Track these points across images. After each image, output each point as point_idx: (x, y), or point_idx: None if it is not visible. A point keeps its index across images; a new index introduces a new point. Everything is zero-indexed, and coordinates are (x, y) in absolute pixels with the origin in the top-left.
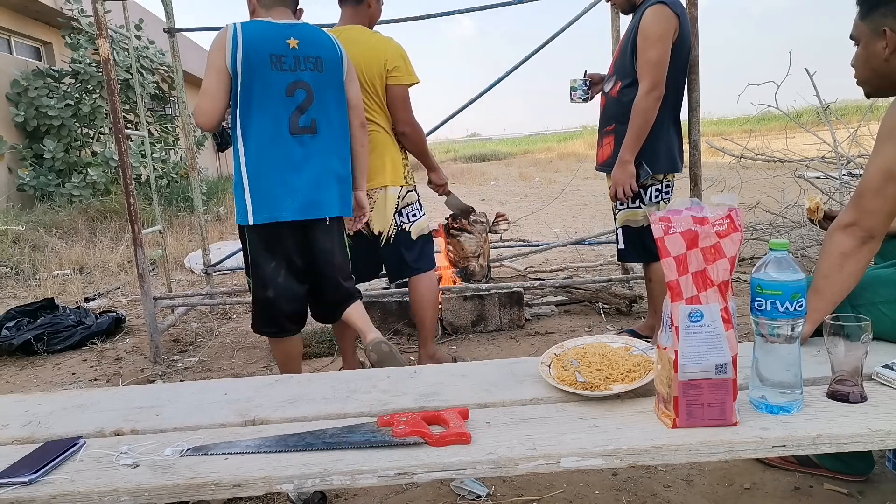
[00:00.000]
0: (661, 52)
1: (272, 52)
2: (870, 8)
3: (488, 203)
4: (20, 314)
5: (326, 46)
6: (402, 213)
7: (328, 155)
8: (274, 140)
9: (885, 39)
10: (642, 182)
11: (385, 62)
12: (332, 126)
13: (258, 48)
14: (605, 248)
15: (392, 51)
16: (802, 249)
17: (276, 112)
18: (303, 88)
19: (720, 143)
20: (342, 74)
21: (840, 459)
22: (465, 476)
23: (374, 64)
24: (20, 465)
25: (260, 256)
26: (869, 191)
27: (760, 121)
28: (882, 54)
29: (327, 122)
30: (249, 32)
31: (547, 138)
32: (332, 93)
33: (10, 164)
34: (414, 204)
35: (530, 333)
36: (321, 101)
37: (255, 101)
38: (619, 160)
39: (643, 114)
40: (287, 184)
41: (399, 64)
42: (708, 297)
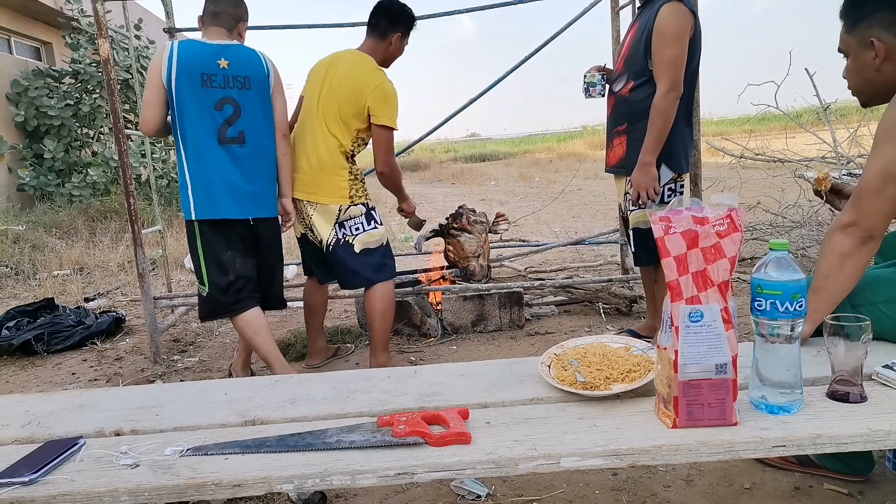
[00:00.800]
0: (679, 50)
1: (203, 70)
2: (854, 21)
3: (488, 203)
4: (20, 314)
5: (255, 67)
6: (343, 224)
7: (256, 162)
8: (207, 148)
9: (874, 50)
10: (667, 181)
11: (366, 99)
12: (260, 137)
13: (190, 67)
14: (605, 248)
15: (378, 91)
16: (802, 249)
17: (206, 124)
18: (231, 104)
19: (720, 143)
20: (269, 91)
21: (840, 459)
22: (465, 476)
23: (356, 95)
24: (20, 465)
25: (216, 247)
26: (868, 191)
27: (760, 121)
28: (873, 64)
29: (254, 133)
30: (183, 52)
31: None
32: (258, 108)
33: (10, 164)
34: (358, 217)
35: (530, 333)
36: (248, 115)
37: (187, 113)
38: (641, 163)
39: (663, 115)
40: (221, 186)
41: (379, 105)
42: (708, 297)
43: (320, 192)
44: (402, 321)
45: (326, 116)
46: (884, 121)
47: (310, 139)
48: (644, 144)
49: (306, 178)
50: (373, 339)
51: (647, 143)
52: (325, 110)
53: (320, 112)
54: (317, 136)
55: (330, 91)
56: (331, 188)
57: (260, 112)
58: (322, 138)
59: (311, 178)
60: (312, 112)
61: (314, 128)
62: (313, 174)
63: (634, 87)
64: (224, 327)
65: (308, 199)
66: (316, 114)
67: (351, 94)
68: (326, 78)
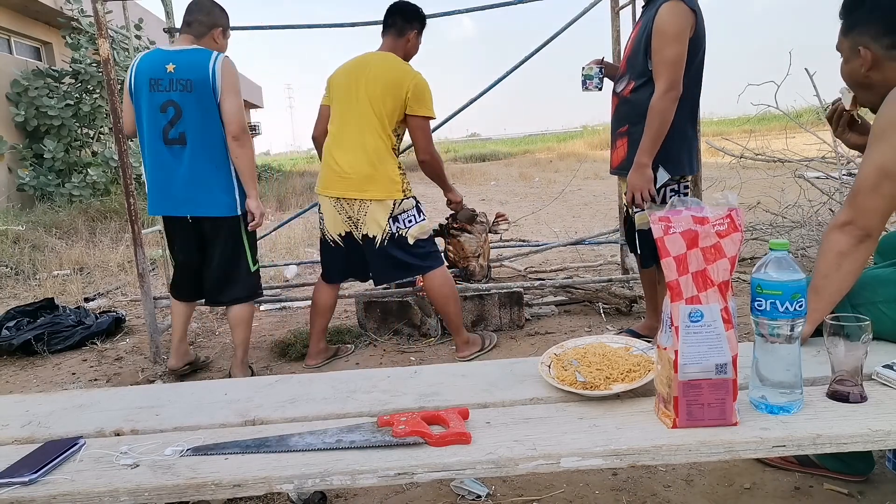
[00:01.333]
0: (678, 50)
1: (151, 76)
2: (849, 27)
3: (488, 203)
4: (20, 314)
5: (199, 70)
6: (397, 218)
7: (198, 163)
8: (154, 148)
9: (861, 58)
10: (664, 183)
11: (407, 91)
12: (202, 138)
13: (142, 74)
14: (605, 248)
15: (415, 84)
16: (802, 249)
17: (152, 126)
18: (173, 106)
19: (720, 143)
20: (211, 93)
21: (840, 459)
22: (465, 476)
23: (395, 89)
24: (20, 465)
25: (170, 239)
26: (864, 189)
27: (760, 121)
28: (860, 70)
29: (194, 134)
30: (142, 62)
31: (547, 138)
32: (200, 110)
33: (10, 164)
34: (410, 210)
35: (530, 333)
36: (189, 116)
37: (141, 116)
38: (636, 164)
39: (660, 115)
40: (165, 185)
41: (418, 97)
42: (708, 297)
43: (375, 188)
44: (402, 321)
45: (375, 114)
46: (878, 120)
47: (358, 138)
48: (640, 145)
49: (357, 178)
50: (449, 322)
51: (642, 144)
52: (374, 109)
53: (369, 111)
54: (366, 133)
55: (369, 92)
56: (386, 183)
57: (202, 115)
58: (374, 136)
59: (363, 177)
60: (359, 112)
61: (363, 127)
62: (367, 172)
63: (635, 88)
64: (224, 327)
65: (361, 198)
66: (364, 113)
67: (390, 90)
68: (363, 78)
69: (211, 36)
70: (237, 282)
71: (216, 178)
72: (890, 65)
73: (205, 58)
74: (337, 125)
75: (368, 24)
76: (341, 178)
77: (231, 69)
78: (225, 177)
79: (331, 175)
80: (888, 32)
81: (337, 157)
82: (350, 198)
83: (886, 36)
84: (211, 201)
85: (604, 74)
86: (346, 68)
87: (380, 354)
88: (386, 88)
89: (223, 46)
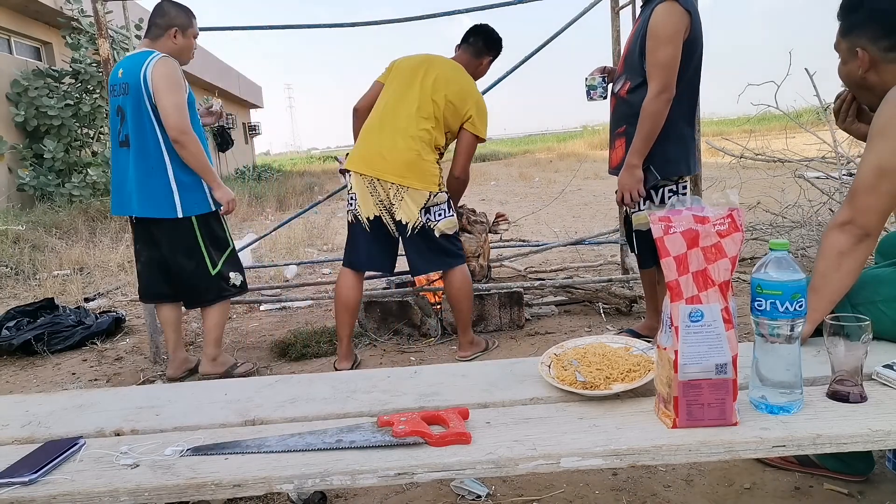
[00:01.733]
0: (672, 52)
1: (112, 82)
2: (847, 28)
3: (488, 203)
4: (20, 314)
5: (134, 74)
6: (429, 210)
7: (139, 165)
8: (114, 150)
9: (859, 59)
10: (654, 184)
11: (468, 108)
12: (145, 140)
13: (110, 80)
14: (605, 248)
15: (479, 103)
16: (802, 249)
17: (112, 129)
18: (120, 110)
19: (720, 143)
20: (143, 96)
21: (840, 459)
22: (465, 476)
23: (460, 101)
24: (20, 465)
25: (133, 240)
26: (863, 188)
27: (760, 121)
28: (858, 72)
29: (136, 136)
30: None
31: (547, 138)
32: (139, 112)
33: (10, 164)
34: (442, 204)
35: (530, 333)
36: (131, 119)
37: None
38: (627, 164)
39: (651, 117)
40: (119, 186)
41: (478, 115)
42: (708, 296)
43: (414, 176)
44: (402, 321)
45: (433, 112)
46: (877, 119)
47: (407, 124)
48: (631, 146)
49: (398, 162)
50: (459, 320)
51: (633, 145)
52: (433, 106)
53: (428, 105)
54: (417, 123)
55: (435, 89)
56: (426, 174)
57: (142, 116)
58: (423, 128)
59: (405, 162)
60: (417, 102)
61: (415, 117)
62: (409, 158)
63: (632, 89)
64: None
65: (400, 183)
66: (422, 105)
67: (456, 98)
68: (427, 75)
69: (168, 37)
70: (198, 286)
71: (154, 181)
72: (887, 67)
73: (140, 60)
74: (389, 107)
75: (368, 23)
76: (383, 158)
77: (164, 69)
78: (160, 179)
79: (371, 154)
80: (886, 35)
81: (382, 137)
82: (388, 180)
83: (885, 38)
84: (151, 203)
85: (607, 82)
86: (416, 58)
87: (380, 354)
88: (451, 94)
89: (184, 46)
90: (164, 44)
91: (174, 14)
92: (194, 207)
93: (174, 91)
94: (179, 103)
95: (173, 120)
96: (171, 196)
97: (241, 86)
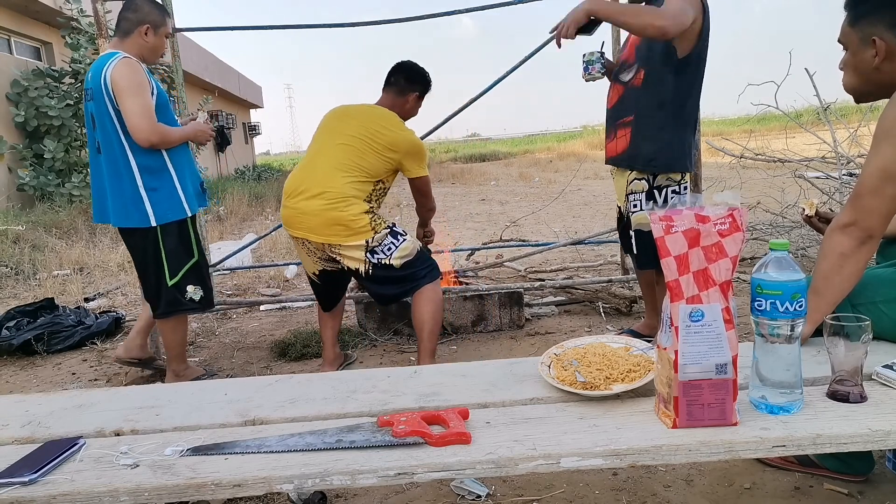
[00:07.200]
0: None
1: (84, 87)
2: (857, 16)
3: (488, 203)
4: (20, 314)
5: (96, 77)
6: (374, 251)
7: (109, 172)
8: (91, 158)
9: (875, 48)
10: (657, 184)
11: (398, 157)
12: (111, 146)
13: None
14: (605, 248)
15: (411, 148)
16: (802, 249)
17: (88, 135)
18: (92, 116)
19: (720, 143)
20: (104, 101)
21: (840, 459)
22: (465, 476)
23: (386, 151)
24: (20, 465)
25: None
26: (867, 191)
27: (760, 121)
28: (871, 62)
29: (105, 142)
30: None
31: (547, 138)
32: (103, 118)
33: (10, 164)
34: (385, 240)
35: (530, 333)
36: (99, 125)
37: None
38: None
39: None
40: (96, 194)
41: (413, 161)
42: (709, 296)
43: (340, 235)
44: (403, 321)
45: (354, 164)
46: (882, 120)
47: (321, 179)
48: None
49: (320, 222)
50: (422, 341)
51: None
52: (354, 158)
53: (347, 159)
54: (332, 181)
55: (360, 142)
56: (352, 228)
57: (102, 122)
58: (339, 183)
59: (326, 222)
60: (336, 157)
61: (329, 172)
62: (330, 217)
63: (647, 78)
64: (224, 328)
65: (328, 243)
66: (341, 159)
67: (384, 150)
68: (353, 125)
69: (138, 34)
70: (158, 297)
71: (123, 189)
72: None
73: (101, 64)
74: (308, 165)
75: (368, 24)
76: (307, 220)
77: (124, 71)
78: (129, 186)
79: (294, 216)
80: None
81: (300, 198)
82: (317, 242)
83: None
84: (122, 212)
85: (605, 63)
86: (340, 110)
87: (380, 354)
88: (375, 146)
89: (155, 45)
90: (133, 41)
91: (147, 10)
92: (168, 214)
93: (137, 93)
94: (144, 104)
95: (139, 123)
96: (142, 204)
97: (241, 86)
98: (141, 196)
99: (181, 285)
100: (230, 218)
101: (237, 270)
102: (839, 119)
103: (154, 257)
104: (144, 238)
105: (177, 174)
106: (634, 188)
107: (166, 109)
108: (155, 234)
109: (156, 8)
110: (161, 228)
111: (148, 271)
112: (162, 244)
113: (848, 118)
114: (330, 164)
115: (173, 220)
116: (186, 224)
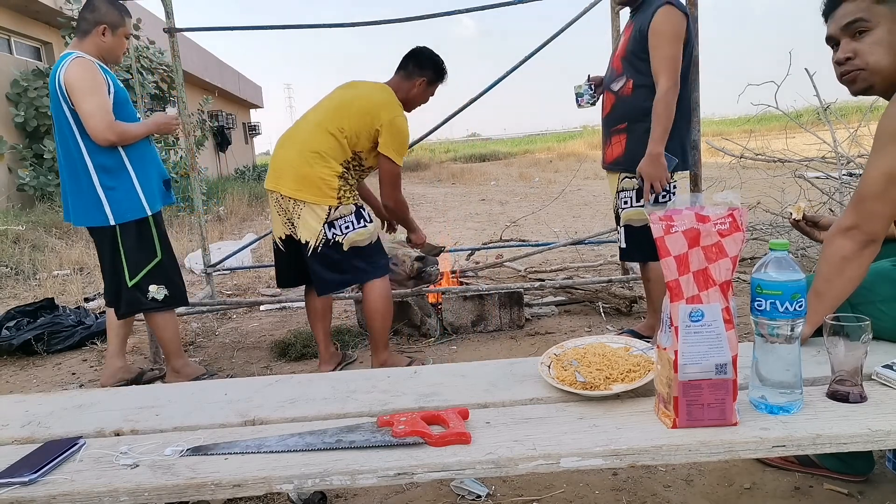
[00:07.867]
0: (677, 50)
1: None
2: None
3: (488, 203)
4: (20, 314)
5: (52, 79)
6: (333, 224)
7: (70, 171)
8: (59, 158)
9: None
10: (674, 167)
11: (377, 121)
12: (68, 147)
13: None
14: (605, 248)
15: (394, 121)
16: (802, 249)
17: (55, 136)
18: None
19: (720, 143)
20: (60, 101)
21: (840, 459)
22: (465, 476)
23: (366, 112)
24: (20, 465)
25: None
26: (870, 195)
27: (760, 121)
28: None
29: (62, 143)
30: None
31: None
32: (59, 118)
33: (10, 164)
34: (348, 216)
35: (530, 333)
36: (57, 126)
37: None
38: (651, 155)
39: (668, 108)
40: (63, 193)
41: (390, 135)
42: (709, 296)
43: (308, 191)
44: (402, 321)
45: (328, 123)
46: (885, 122)
47: (303, 137)
48: (652, 136)
49: (292, 175)
50: (373, 338)
51: (654, 135)
52: (335, 122)
53: (324, 118)
54: (312, 137)
55: (342, 102)
56: (321, 187)
57: (58, 122)
58: (321, 142)
59: (297, 175)
60: (317, 119)
61: (311, 130)
62: (302, 171)
63: (635, 87)
64: (223, 328)
65: (295, 197)
66: (321, 122)
67: (365, 113)
68: (341, 93)
69: (96, 34)
70: (118, 297)
71: (81, 188)
72: None
73: (57, 66)
74: (296, 125)
75: (368, 24)
76: (281, 172)
77: (77, 71)
78: (87, 186)
79: (272, 169)
80: None
81: (282, 151)
82: (286, 195)
83: None
84: (82, 211)
85: (594, 89)
86: (346, 83)
87: None
88: (359, 106)
89: (113, 45)
90: (91, 41)
91: (105, 10)
92: (126, 213)
93: (92, 92)
94: (100, 103)
95: (97, 124)
96: (100, 203)
97: (241, 86)
98: (98, 196)
99: (142, 285)
100: (230, 218)
101: (237, 270)
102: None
103: (112, 257)
104: (104, 237)
105: (137, 172)
106: (625, 185)
107: (126, 106)
108: (113, 232)
109: (114, 8)
110: (120, 227)
111: (107, 272)
112: (121, 243)
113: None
114: (315, 121)
115: (132, 220)
116: (147, 223)
